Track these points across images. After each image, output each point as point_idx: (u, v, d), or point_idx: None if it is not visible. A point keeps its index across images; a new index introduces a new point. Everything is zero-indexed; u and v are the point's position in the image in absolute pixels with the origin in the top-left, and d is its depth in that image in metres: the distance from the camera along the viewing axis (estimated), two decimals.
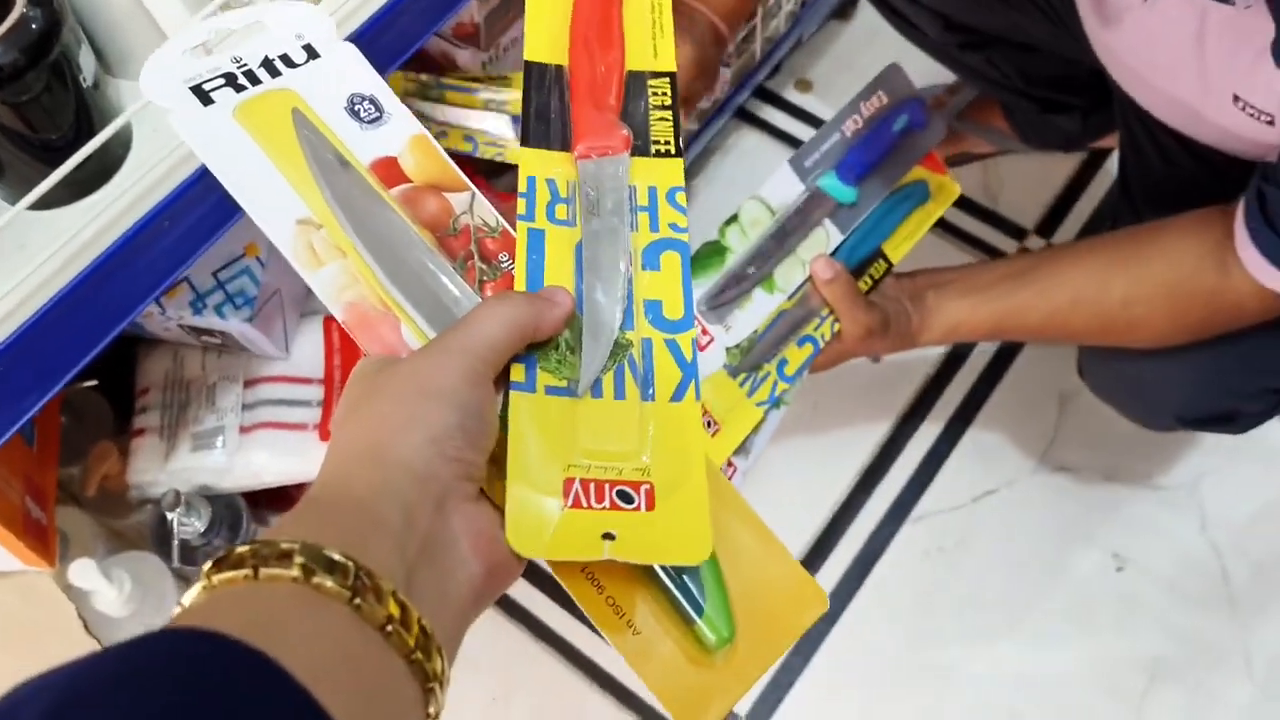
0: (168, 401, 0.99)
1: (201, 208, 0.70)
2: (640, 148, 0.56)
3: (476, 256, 0.53)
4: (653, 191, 0.55)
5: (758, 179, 0.93)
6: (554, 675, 1.23)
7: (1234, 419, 1.03)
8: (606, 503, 0.46)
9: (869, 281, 0.92)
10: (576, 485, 0.46)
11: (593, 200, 0.53)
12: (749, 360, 0.88)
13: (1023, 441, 1.35)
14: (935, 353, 1.41)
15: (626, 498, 0.47)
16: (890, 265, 0.94)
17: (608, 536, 0.45)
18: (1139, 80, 0.95)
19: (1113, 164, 1.46)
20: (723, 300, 0.89)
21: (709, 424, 0.87)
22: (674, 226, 0.54)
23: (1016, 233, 1.49)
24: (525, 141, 0.56)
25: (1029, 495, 1.32)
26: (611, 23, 0.59)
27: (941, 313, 0.94)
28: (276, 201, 0.51)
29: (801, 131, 1.57)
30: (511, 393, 0.48)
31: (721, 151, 1.55)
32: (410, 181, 0.54)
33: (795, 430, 1.34)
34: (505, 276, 0.53)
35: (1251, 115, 0.81)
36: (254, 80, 0.54)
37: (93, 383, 1.00)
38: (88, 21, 0.69)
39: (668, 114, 0.57)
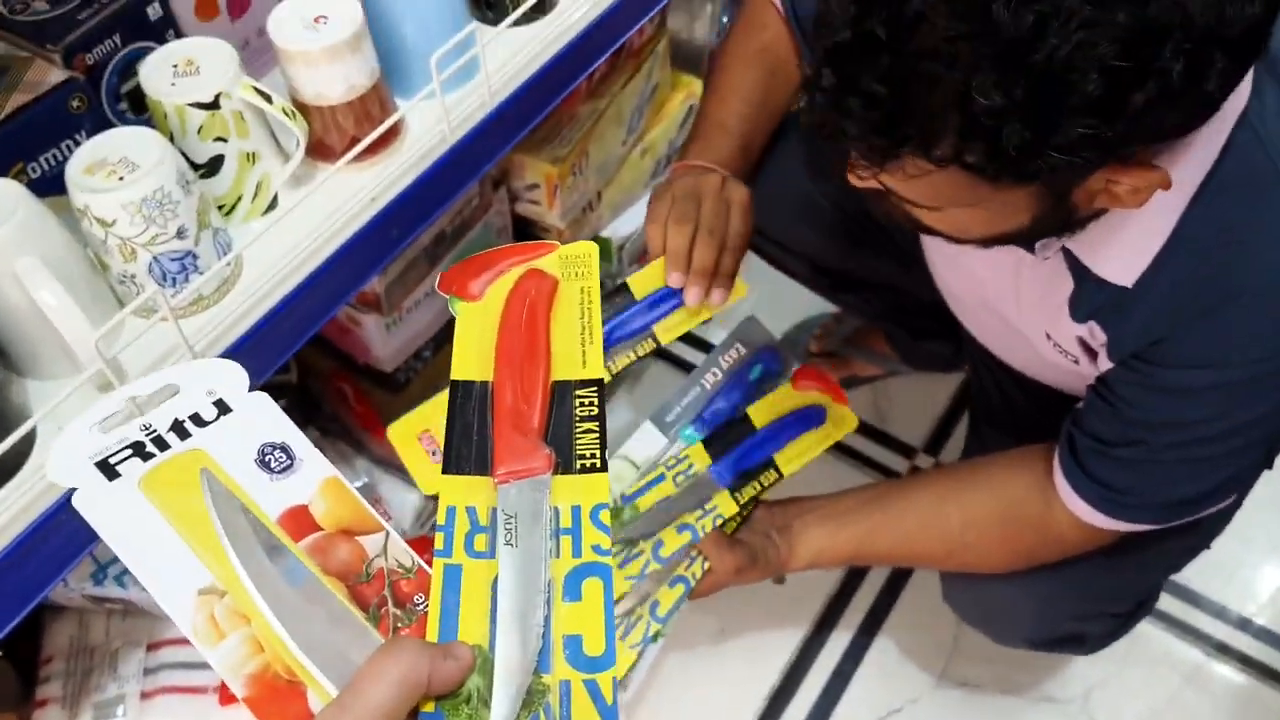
0: (71, 670, 1.01)
1: None
2: (564, 464, 0.55)
3: (390, 602, 0.51)
4: (576, 511, 0.54)
5: (647, 403, 0.98)
6: None
7: (1081, 641, 1.09)
8: None
9: (758, 486, 0.95)
10: None
11: (511, 529, 0.52)
12: (622, 607, 0.90)
13: (923, 657, 1.39)
14: (837, 570, 1.46)
15: None
16: (780, 476, 0.96)
17: None
18: (975, 317, 1.05)
19: None
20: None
21: None
22: (597, 549, 0.53)
23: (906, 451, 1.58)
24: (446, 468, 0.55)
25: (932, 713, 1.35)
26: (536, 338, 0.59)
27: (805, 540, 0.98)
28: (178, 573, 0.51)
29: (698, 358, 1.65)
30: None
31: (628, 379, 1.62)
32: (321, 529, 0.53)
33: (703, 657, 1.37)
34: (421, 620, 0.51)
35: (1060, 352, 0.90)
36: (162, 446, 0.54)
37: None
38: None
39: (594, 425, 0.57)
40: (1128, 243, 0.76)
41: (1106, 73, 0.56)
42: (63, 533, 0.75)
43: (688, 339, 1.68)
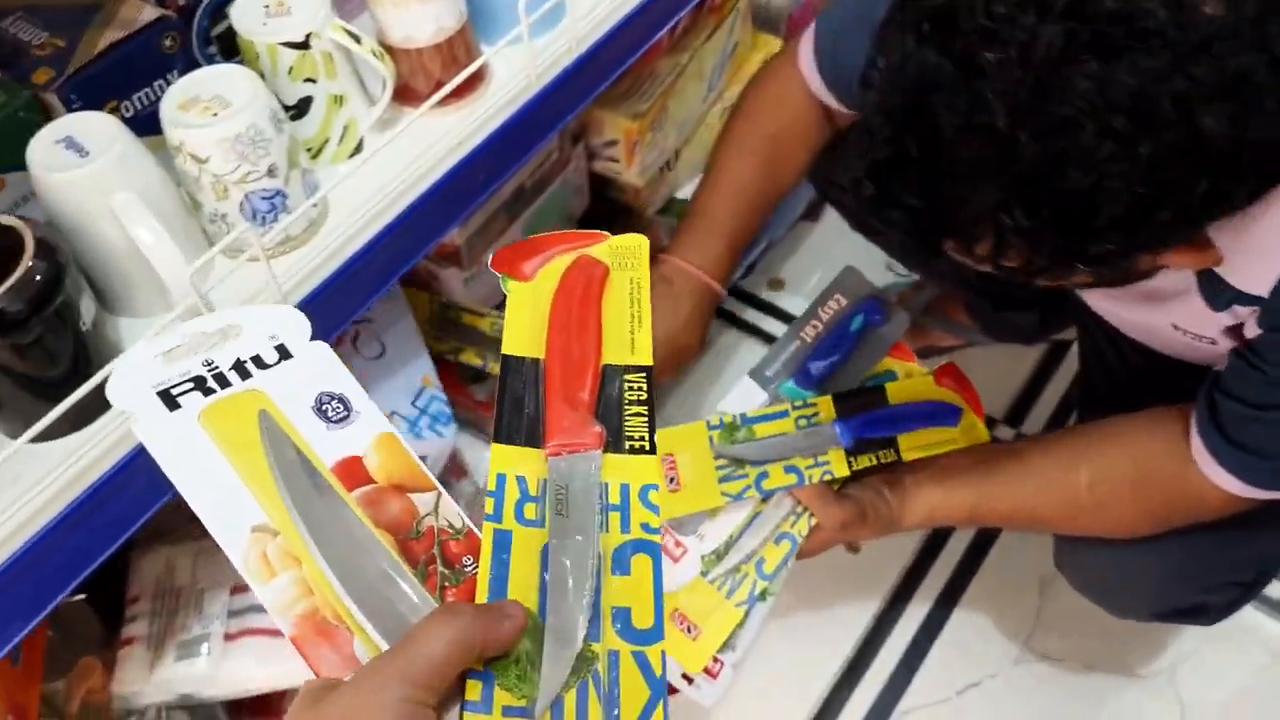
0: (156, 610, 1.02)
1: None
2: (613, 444, 0.56)
3: (439, 561, 0.52)
4: (625, 489, 0.54)
5: (735, 373, 0.97)
6: None
7: (1204, 611, 1.05)
8: None
9: (874, 460, 0.94)
10: None
11: (562, 499, 0.53)
12: (726, 564, 0.90)
13: (1004, 630, 1.36)
14: (914, 540, 1.44)
15: None
16: (899, 459, 0.95)
17: None
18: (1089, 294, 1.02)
19: (1075, 355, 1.52)
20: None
21: (688, 629, 0.87)
22: (645, 527, 0.53)
23: (986, 422, 1.53)
24: (498, 437, 0.56)
25: (1013, 686, 1.32)
26: (589, 319, 0.60)
27: (919, 497, 0.96)
28: (233, 508, 0.51)
29: (775, 328, 1.64)
30: (465, 714, 0.46)
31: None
32: (374, 482, 0.54)
33: (777, 626, 1.35)
34: (469, 582, 0.51)
35: (1193, 338, 0.87)
36: (224, 383, 0.55)
37: (81, 596, 1.03)
38: (90, 264, 0.75)
39: (643, 409, 0.57)
40: (1256, 258, 0.73)
41: (1128, 199, 0.59)
42: (155, 468, 0.77)
43: (764, 307, 1.67)
